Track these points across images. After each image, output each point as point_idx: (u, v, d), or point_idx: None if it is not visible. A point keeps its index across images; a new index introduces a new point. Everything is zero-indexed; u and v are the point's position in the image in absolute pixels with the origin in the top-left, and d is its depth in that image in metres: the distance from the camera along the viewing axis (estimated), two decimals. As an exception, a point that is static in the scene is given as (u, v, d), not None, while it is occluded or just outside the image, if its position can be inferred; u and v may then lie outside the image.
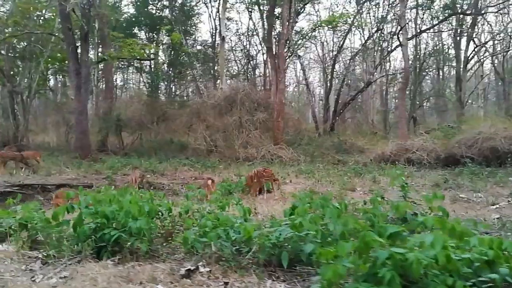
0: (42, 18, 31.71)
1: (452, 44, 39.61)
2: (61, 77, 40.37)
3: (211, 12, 42.67)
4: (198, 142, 25.31)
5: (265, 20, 39.43)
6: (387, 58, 37.11)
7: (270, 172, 13.11)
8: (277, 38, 27.42)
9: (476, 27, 36.28)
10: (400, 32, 24.30)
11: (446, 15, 31.44)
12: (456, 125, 24.42)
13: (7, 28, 28.20)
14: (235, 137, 25.11)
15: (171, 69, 41.78)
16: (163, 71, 40.18)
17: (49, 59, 31.57)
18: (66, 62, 32.74)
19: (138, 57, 25.00)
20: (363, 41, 37.71)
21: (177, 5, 40.90)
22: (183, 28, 39.55)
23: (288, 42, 27.64)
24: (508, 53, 40.51)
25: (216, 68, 41.32)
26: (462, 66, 36.95)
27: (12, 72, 31.26)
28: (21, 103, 30.41)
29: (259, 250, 4.94)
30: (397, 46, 34.89)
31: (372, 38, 36.69)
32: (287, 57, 41.95)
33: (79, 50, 22.47)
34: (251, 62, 43.95)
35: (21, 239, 5.92)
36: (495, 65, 40.76)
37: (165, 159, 23.24)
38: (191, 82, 42.74)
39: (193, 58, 38.68)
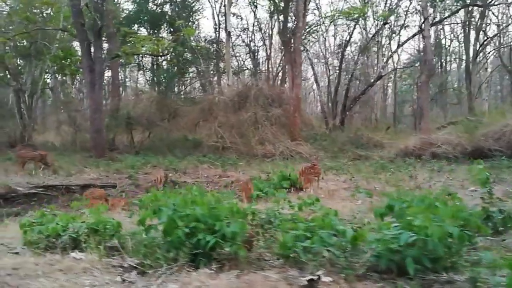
0: (45, 14, 30.90)
1: (459, 37, 39.28)
2: (59, 76, 39.59)
3: (215, 7, 42.03)
4: (214, 139, 24.81)
5: (270, 15, 39.96)
6: (397, 52, 36.54)
7: (318, 168, 12.67)
8: (292, 32, 26.90)
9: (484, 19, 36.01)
10: (423, 23, 23.82)
11: (459, 6, 31.02)
12: (475, 118, 24.05)
13: (13, 24, 27.52)
14: (250, 133, 24.63)
15: (174, 66, 41.06)
16: (163, 68, 39.58)
17: (54, 57, 30.89)
18: (68, 60, 32.52)
19: (151, 53, 24.41)
20: (365, 35, 37.44)
21: (179, 0, 40.12)
22: (186, 24, 39.01)
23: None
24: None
25: (220, 64, 40.81)
26: (471, 59, 36.63)
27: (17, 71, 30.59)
28: (27, 102, 29.79)
29: (379, 256, 4.48)
30: (408, 39, 34.84)
31: (380, 31, 36.27)
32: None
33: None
34: (255, 57, 43.35)
35: (98, 246, 5.45)
36: (502, 57, 40.45)
37: (181, 157, 22.72)
38: (195, 78, 42.13)
39: (198, 54, 38.00)
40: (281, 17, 28.58)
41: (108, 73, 36.25)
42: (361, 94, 35.71)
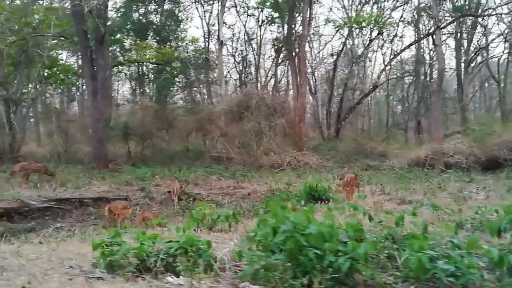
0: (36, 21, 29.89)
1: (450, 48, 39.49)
2: (43, 85, 38.35)
3: (204, 17, 41.50)
4: (217, 149, 24.17)
5: (259, 24, 39.66)
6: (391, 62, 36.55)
7: (359, 180, 12.20)
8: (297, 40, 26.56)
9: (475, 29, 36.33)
10: (434, 32, 23.71)
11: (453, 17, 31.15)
12: (482, 127, 24.00)
13: (7, 31, 26.42)
14: (254, 144, 24.09)
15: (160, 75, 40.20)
16: (155, 77, 38.81)
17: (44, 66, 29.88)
18: (55, 68, 31.56)
19: (154, 62, 23.67)
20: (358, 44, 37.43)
21: (165, 10, 39.44)
22: (174, 33, 38.52)
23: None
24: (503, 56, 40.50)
25: (209, 73, 40.19)
26: (463, 69, 36.82)
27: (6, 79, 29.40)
28: (18, 112, 28.67)
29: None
30: (405, 48, 34.89)
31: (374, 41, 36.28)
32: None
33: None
34: (246, 66, 42.91)
35: (196, 268, 4.84)
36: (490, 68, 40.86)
37: (184, 168, 21.96)
38: (184, 88, 41.31)
39: (186, 63, 37.22)
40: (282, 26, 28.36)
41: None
42: (357, 104, 35.58)
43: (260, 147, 23.68)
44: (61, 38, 24.86)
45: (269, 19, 38.13)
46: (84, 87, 41.84)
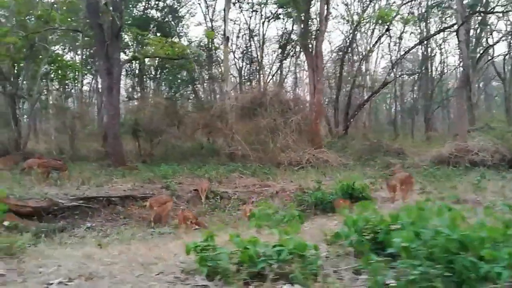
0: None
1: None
2: (45, 81, 37.56)
3: (207, 12, 40.86)
4: (233, 146, 23.67)
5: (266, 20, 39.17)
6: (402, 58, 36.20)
7: (413, 179, 11.75)
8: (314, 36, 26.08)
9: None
10: (459, 27, 23.31)
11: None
12: (497, 125, 23.77)
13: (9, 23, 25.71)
14: (271, 141, 23.62)
15: (164, 71, 39.56)
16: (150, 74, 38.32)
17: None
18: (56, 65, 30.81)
19: (168, 57, 23.04)
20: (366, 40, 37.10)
21: (166, 5, 38.74)
22: (177, 29, 37.96)
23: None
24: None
25: (213, 70, 39.63)
26: (470, 67, 36.55)
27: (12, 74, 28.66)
28: (23, 107, 27.96)
29: None
30: (415, 45, 34.57)
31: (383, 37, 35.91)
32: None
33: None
34: (252, 62, 42.30)
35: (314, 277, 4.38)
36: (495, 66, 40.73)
37: (202, 165, 21.45)
38: (188, 84, 40.65)
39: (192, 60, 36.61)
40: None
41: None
42: (366, 101, 35.25)
43: (276, 144, 23.17)
44: (70, 32, 23.95)
45: (275, 15, 37.86)
46: (84, 82, 41.49)
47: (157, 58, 30.89)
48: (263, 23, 40.16)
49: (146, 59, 32.37)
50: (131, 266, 5.47)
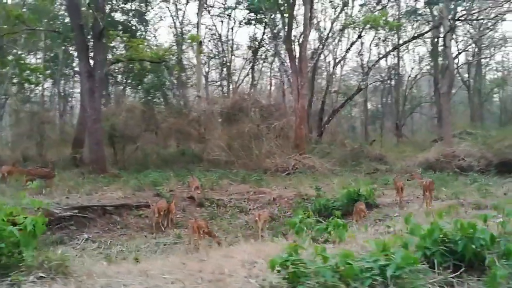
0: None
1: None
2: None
3: (177, 16, 40.15)
4: (216, 152, 23.11)
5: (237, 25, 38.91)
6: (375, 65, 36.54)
7: (433, 185, 11.55)
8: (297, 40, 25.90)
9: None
10: (446, 34, 23.60)
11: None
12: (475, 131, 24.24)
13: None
14: (254, 146, 23.24)
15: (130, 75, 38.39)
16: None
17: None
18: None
19: (151, 60, 22.19)
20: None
21: (132, 8, 37.83)
22: (144, 33, 37.24)
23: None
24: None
25: (182, 74, 38.88)
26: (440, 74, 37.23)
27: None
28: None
29: None
30: (390, 51, 34.98)
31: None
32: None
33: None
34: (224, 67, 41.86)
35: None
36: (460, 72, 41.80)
37: (188, 172, 20.78)
38: (157, 89, 39.69)
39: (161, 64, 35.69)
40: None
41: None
42: (340, 107, 35.35)
43: (261, 150, 22.80)
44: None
45: (245, 21, 37.66)
46: (45, 86, 39.86)
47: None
48: (232, 29, 40.17)
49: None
50: (200, 283, 4.97)
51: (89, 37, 21.59)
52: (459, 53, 38.63)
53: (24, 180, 14.93)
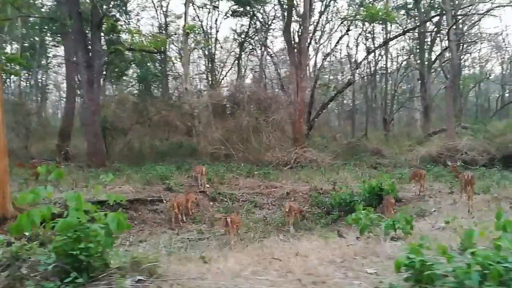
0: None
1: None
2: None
3: (160, 6, 39.25)
4: (215, 146, 22.65)
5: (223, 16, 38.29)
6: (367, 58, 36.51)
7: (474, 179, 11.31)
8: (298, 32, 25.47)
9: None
10: (450, 28, 23.52)
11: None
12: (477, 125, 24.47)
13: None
14: (253, 140, 22.88)
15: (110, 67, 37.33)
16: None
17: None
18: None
19: (148, 50, 21.50)
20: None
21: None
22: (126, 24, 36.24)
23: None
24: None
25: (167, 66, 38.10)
26: (426, 69, 37.36)
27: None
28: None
29: None
30: (381, 45, 34.96)
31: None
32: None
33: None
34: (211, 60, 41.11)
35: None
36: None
37: (189, 166, 20.26)
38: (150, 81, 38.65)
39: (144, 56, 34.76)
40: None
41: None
42: (330, 101, 35.22)
43: (261, 143, 22.45)
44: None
45: (230, 12, 37.03)
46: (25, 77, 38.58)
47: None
48: (216, 21, 39.46)
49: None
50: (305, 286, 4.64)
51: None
52: (447, 47, 38.72)
53: (30, 174, 14.33)
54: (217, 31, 40.26)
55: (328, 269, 5.33)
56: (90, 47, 19.63)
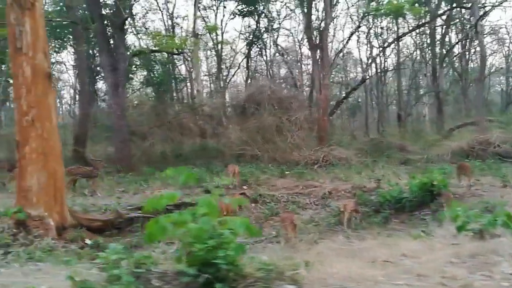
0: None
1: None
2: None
3: (166, 7, 38.75)
4: (240, 147, 22.35)
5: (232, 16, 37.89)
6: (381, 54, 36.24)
7: None
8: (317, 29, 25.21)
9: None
10: (477, 21, 23.20)
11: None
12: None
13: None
14: (278, 139, 22.59)
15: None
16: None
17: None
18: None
19: (170, 51, 21.16)
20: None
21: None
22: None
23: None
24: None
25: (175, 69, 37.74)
26: (438, 63, 37.03)
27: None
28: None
29: None
30: (393, 41, 34.71)
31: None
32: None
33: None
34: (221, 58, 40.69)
35: None
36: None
37: (215, 167, 19.96)
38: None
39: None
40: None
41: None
42: (345, 98, 34.92)
43: (288, 143, 22.15)
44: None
45: (237, 11, 36.56)
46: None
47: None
48: (221, 21, 39.03)
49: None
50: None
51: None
52: (457, 42, 38.57)
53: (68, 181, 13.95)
54: (222, 32, 40.04)
55: (459, 271, 4.95)
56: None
